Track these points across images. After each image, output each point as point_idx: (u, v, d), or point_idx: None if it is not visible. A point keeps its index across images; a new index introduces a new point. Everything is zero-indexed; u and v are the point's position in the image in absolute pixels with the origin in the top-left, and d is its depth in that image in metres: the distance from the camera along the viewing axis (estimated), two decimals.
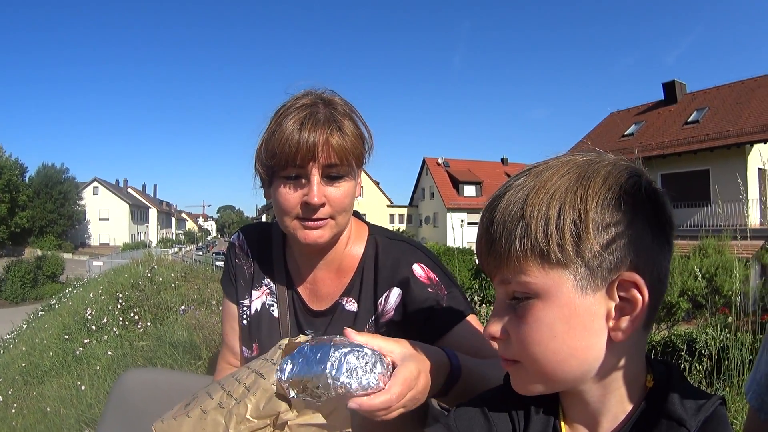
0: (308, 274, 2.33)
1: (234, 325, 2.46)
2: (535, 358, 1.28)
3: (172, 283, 14.37)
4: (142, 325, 10.52)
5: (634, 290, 1.21)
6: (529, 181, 1.27)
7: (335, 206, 2.09)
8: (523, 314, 1.27)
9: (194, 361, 7.38)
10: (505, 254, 1.25)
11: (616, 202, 1.21)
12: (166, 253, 29.54)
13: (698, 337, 6.53)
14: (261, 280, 2.41)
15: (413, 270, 2.20)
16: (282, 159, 1.99)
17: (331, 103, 2.11)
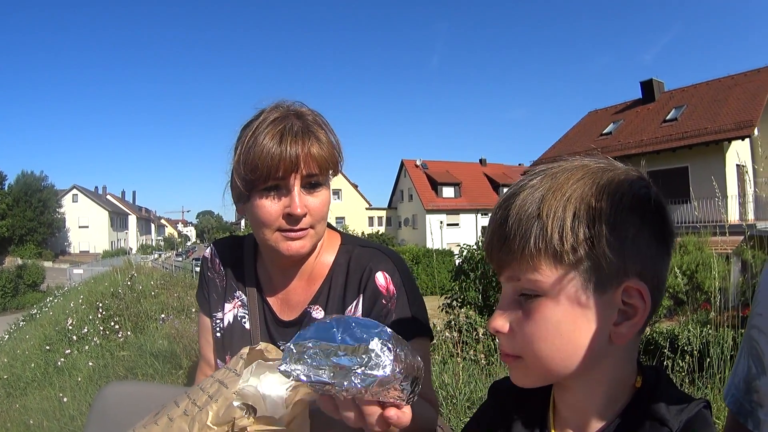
0: (280, 284, 2.33)
1: (209, 338, 2.47)
2: (539, 354, 1.30)
3: (152, 291, 14.44)
4: (123, 335, 10.53)
5: (637, 298, 1.25)
6: (545, 182, 1.28)
7: (315, 215, 2.12)
8: (531, 311, 1.29)
9: (175, 371, 7.45)
10: (518, 251, 1.27)
11: (629, 211, 1.24)
12: (146, 260, 29.57)
13: (680, 334, 6.55)
14: (233, 293, 2.42)
15: (375, 277, 2.21)
16: (264, 172, 2.00)
17: (302, 115, 2.13)
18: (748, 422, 1.62)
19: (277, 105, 2.14)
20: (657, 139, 39.20)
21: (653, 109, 44.52)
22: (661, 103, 44.74)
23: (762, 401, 1.60)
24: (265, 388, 1.73)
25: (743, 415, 1.64)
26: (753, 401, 1.62)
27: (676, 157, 36.27)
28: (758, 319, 1.64)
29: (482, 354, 6.53)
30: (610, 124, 46.99)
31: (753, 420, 1.61)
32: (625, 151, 39.92)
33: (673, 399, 1.31)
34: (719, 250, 13.10)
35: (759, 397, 1.61)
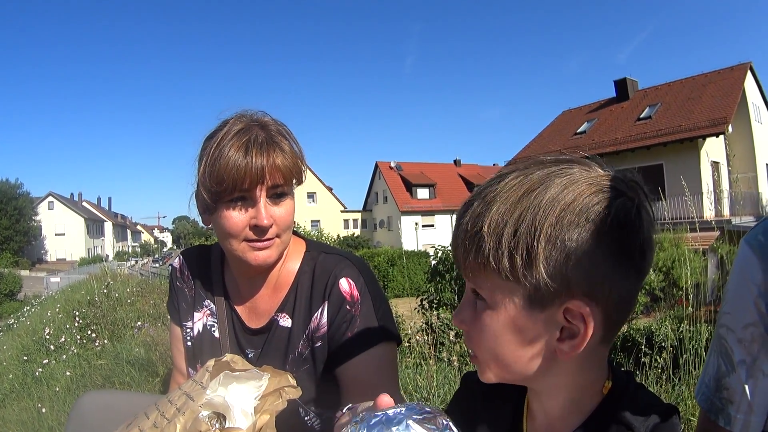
0: (247, 292, 2.34)
1: (180, 348, 2.48)
2: (484, 353, 1.33)
3: (128, 298, 14.41)
4: (100, 343, 10.50)
5: (578, 320, 1.22)
6: (498, 192, 1.25)
7: (280, 225, 2.13)
8: (479, 315, 1.30)
9: (151, 378, 7.46)
10: (465, 261, 1.28)
11: (575, 229, 1.18)
12: (122, 267, 29.46)
13: (657, 331, 6.57)
14: (202, 302, 2.43)
15: (339, 283, 2.21)
16: (230, 184, 2.01)
17: (265, 125, 2.14)
18: (719, 419, 1.67)
19: (240, 115, 2.15)
20: (631, 137, 39.49)
21: (627, 108, 44.85)
22: (635, 102, 45.09)
23: (732, 398, 1.64)
24: (233, 399, 1.74)
25: (714, 412, 1.69)
26: (723, 398, 1.66)
27: (650, 155, 36.60)
28: (726, 318, 1.67)
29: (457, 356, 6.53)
30: (584, 123, 47.32)
31: (724, 417, 1.66)
32: (600, 150, 40.15)
33: (641, 404, 1.32)
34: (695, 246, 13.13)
35: (729, 394, 1.65)
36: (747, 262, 1.60)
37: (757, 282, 1.56)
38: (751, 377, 1.60)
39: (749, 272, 1.58)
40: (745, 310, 1.60)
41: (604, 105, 48.86)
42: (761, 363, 1.58)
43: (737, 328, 1.62)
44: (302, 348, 2.22)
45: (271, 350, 2.25)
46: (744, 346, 1.60)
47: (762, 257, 1.55)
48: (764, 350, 1.57)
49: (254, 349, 2.29)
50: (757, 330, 1.57)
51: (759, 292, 1.55)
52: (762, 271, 1.55)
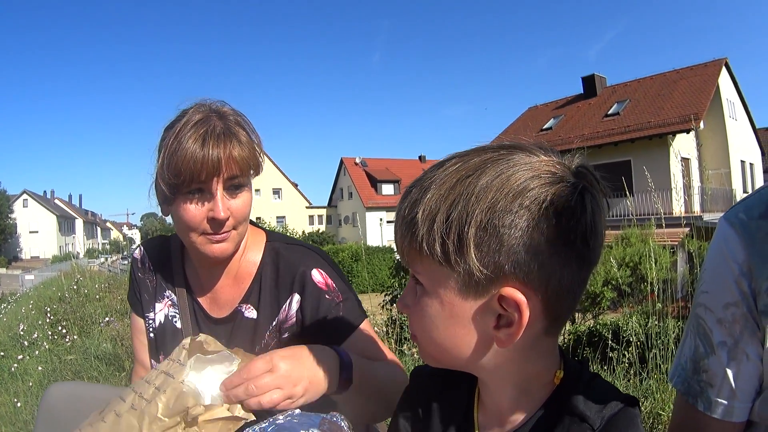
0: (207, 283, 2.33)
1: (143, 339, 2.45)
2: (421, 338, 1.34)
3: (96, 294, 14.35)
4: (70, 339, 10.47)
5: (513, 308, 1.20)
6: (429, 179, 1.25)
7: (237, 217, 2.11)
8: (418, 300, 1.30)
9: (118, 373, 7.51)
10: (402, 246, 1.28)
11: (508, 215, 1.15)
12: (92, 264, 29.31)
13: (624, 326, 6.60)
14: (163, 293, 2.41)
15: (312, 275, 2.21)
16: (187, 176, 1.98)
17: (224, 115, 2.11)
18: (698, 403, 1.63)
19: (199, 105, 2.12)
20: (598, 134, 39.54)
21: (595, 104, 44.95)
22: (603, 98, 45.17)
23: (712, 381, 1.60)
24: (205, 384, 1.71)
25: (692, 395, 1.65)
26: (702, 381, 1.63)
27: (618, 151, 36.65)
28: (704, 297, 1.64)
29: None
30: (551, 120, 47.38)
31: (703, 400, 1.62)
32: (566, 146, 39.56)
33: (596, 395, 1.29)
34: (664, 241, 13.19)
35: (708, 377, 1.61)
36: (727, 240, 1.57)
37: (738, 260, 1.53)
38: (734, 360, 1.56)
39: (730, 250, 1.55)
40: (726, 289, 1.56)
41: (571, 101, 48.99)
42: (744, 345, 1.54)
43: (717, 308, 1.59)
44: (269, 339, 2.22)
45: (236, 341, 2.23)
46: (724, 326, 1.57)
47: (744, 235, 1.53)
48: (747, 331, 1.54)
49: (217, 338, 2.24)
50: (738, 310, 1.54)
51: (741, 271, 1.52)
52: (744, 249, 1.52)
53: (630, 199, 8.36)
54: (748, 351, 1.55)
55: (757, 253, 1.51)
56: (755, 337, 1.53)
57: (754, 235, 1.52)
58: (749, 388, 1.57)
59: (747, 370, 1.56)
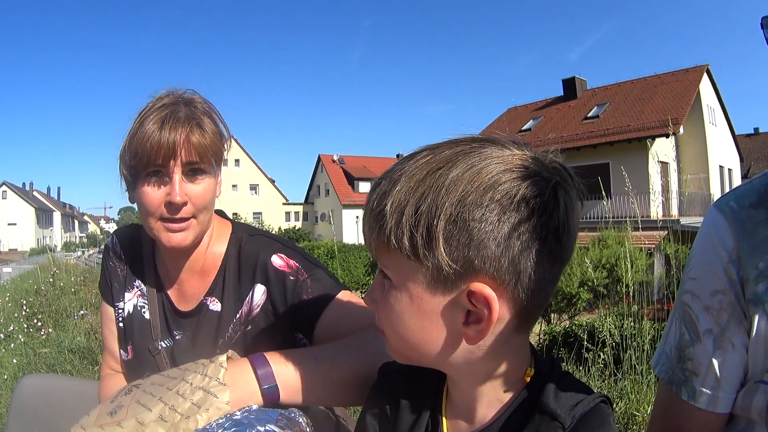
0: (175, 275, 2.31)
1: (112, 328, 2.42)
2: (391, 334, 1.31)
3: (72, 287, 14.32)
4: (45, 332, 10.43)
5: (483, 303, 1.18)
6: (399, 171, 1.23)
7: (197, 204, 2.08)
8: (385, 295, 1.29)
9: (91, 366, 7.47)
10: (370, 241, 1.27)
11: (478, 209, 1.13)
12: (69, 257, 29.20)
13: (600, 327, 6.62)
14: (133, 282, 2.39)
15: (272, 262, 2.18)
16: (144, 158, 1.97)
17: (191, 102, 2.10)
18: (682, 392, 1.63)
19: (169, 92, 2.12)
20: (577, 136, 39.75)
21: (574, 107, 45.17)
22: (583, 101, 45.39)
23: (697, 370, 1.60)
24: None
25: (676, 384, 1.65)
26: (687, 369, 1.63)
27: (597, 154, 36.85)
28: (692, 284, 1.63)
29: None
30: (530, 121, 47.64)
31: (687, 389, 1.62)
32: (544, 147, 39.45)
33: (567, 393, 1.29)
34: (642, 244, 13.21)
35: (693, 366, 1.61)
36: (717, 227, 1.57)
37: (728, 248, 1.53)
38: (719, 349, 1.55)
39: (719, 237, 1.55)
40: (714, 277, 1.56)
41: (551, 103, 49.21)
42: (731, 334, 1.54)
43: (704, 295, 1.58)
44: (232, 332, 2.19)
45: (201, 334, 2.22)
46: (711, 314, 1.57)
47: (734, 222, 1.53)
48: (734, 320, 1.53)
49: (183, 332, 2.26)
50: (726, 298, 1.54)
51: (730, 258, 1.52)
52: (734, 237, 1.52)
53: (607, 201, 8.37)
54: (734, 340, 1.54)
55: (747, 241, 1.51)
56: (741, 327, 1.53)
57: (744, 223, 1.53)
58: (734, 378, 1.57)
59: (732, 359, 1.55)
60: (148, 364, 2.24)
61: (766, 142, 65.00)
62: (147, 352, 2.26)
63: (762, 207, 1.53)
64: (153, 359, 2.24)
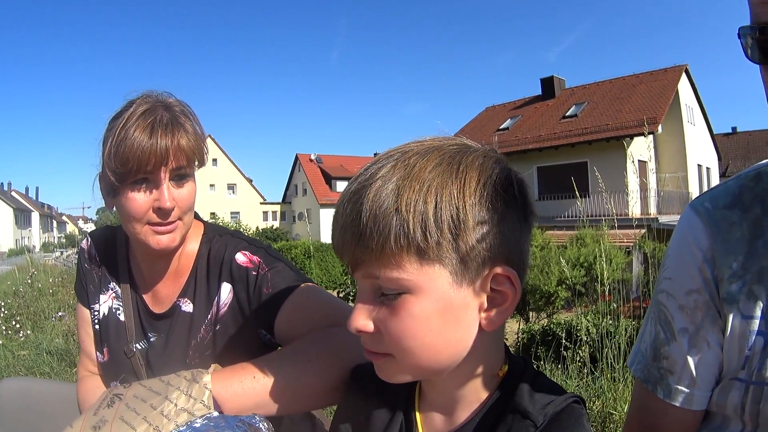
0: (150, 276, 2.31)
1: (89, 330, 2.43)
2: (410, 351, 1.25)
3: (50, 289, 14.25)
4: (23, 334, 10.33)
5: (506, 284, 1.23)
6: (398, 170, 1.21)
7: (183, 207, 2.10)
8: (396, 309, 1.23)
9: (70, 369, 7.45)
10: (377, 249, 1.19)
11: (492, 197, 1.20)
12: (48, 258, 29.06)
13: (578, 325, 6.65)
14: (108, 284, 2.40)
15: (236, 259, 2.19)
16: (134, 166, 1.98)
17: (170, 106, 2.11)
18: (658, 390, 1.65)
19: (146, 96, 2.12)
20: (555, 135, 39.88)
21: (552, 106, 45.25)
22: (561, 100, 45.49)
23: (672, 368, 1.62)
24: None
25: (652, 382, 1.67)
26: (662, 368, 1.65)
27: (575, 153, 36.99)
28: (667, 283, 1.66)
29: None
30: (508, 120, 47.66)
31: (663, 388, 1.63)
32: (522, 146, 40.60)
33: (540, 392, 1.30)
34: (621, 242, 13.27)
35: (669, 364, 1.63)
36: (692, 227, 1.59)
37: (702, 248, 1.55)
38: (695, 347, 1.58)
39: (694, 237, 1.58)
40: (689, 276, 1.58)
41: (529, 102, 49.19)
42: (705, 333, 1.56)
43: (679, 294, 1.60)
44: (204, 333, 2.19)
45: (174, 336, 2.22)
46: (686, 313, 1.59)
47: (709, 223, 1.55)
48: (709, 319, 1.56)
49: (158, 334, 2.26)
50: (701, 297, 1.56)
51: (705, 258, 1.55)
52: (708, 237, 1.55)
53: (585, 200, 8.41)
54: (709, 338, 1.57)
55: (721, 241, 1.54)
56: (716, 325, 1.56)
57: (718, 223, 1.56)
58: (709, 376, 1.59)
59: (707, 357, 1.58)
60: (123, 366, 2.25)
61: (743, 141, 65.50)
62: (123, 354, 2.26)
63: (736, 208, 1.56)
64: (128, 361, 2.25)
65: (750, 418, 1.50)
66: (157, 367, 2.19)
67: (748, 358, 1.49)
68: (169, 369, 1.93)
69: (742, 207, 1.55)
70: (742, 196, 1.58)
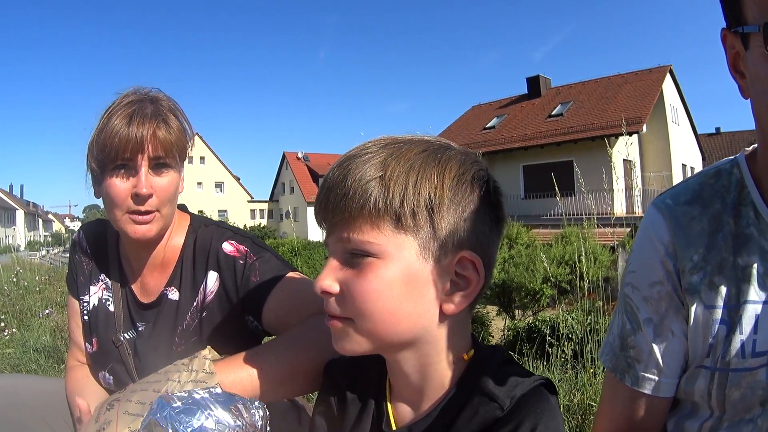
0: (138, 268, 2.36)
1: (78, 321, 2.47)
2: (369, 313, 1.31)
3: (37, 287, 14.20)
4: (8, 332, 10.25)
5: (471, 269, 1.32)
6: (388, 150, 1.31)
7: (161, 196, 2.14)
8: (363, 271, 1.30)
9: (57, 366, 7.41)
10: (356, 210, 1.27)
11: (468, 187, 1.31)
12: (34, 257, 28.92)
13: (563, 322, 6.69)
14: (98, 276, 2.44)
15: (223, 248, 2.24)
16: (112, 152, 2.04)
17: (157, 100, 2.18)
18: (626, 378, 1.70)
19: (135, 90, 2.19)
20: (541, 134, 39.98)
21: (539, 105, 45.32)
22: (547, 99, 45.55)
23: (639, 357, 1.68)
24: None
25: (620, 371, 1.72)
26: (629, 357, 1.70)
27: (561, 152, 37.04)
28: (631, 276, 1.71)
29: None
30: (494, 119, 47.72)
31: (631, 376, 1.69)
32: (508, 145, 40.68)
33: (507, 376, 1.34)
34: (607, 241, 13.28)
35: (635, 353, 1.69)
36: (654, 223, 1.65)
37: (664, 242, 1.61)
38: (659, 336, 1.63)
39: (656, 232, 1.64)
40: (652, 269, 1.64)
41: (515, 101, 49.28)
42: (669, 322, 1.62)
43: (643, 287, 1.66)
44: (190, 320, 2.23)
45: (161, 323, 2.26)
46: (650, 304, 1.65)
47: (670, 218, 1.62)
48: (672, 309, 1.62)
49: (146, 323, 2.30)
50: (663, 288, 1.62)
51: (666, 251, 1.61)
52: (668, 231, 1.61)
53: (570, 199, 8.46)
54: (673, 328, 1.63)
55: (682, 235, 1.60)
56: (680, 315, 1.62)
57: (679, 219, 1.62)
58: (675, 364, 1.65)
59: (672, 346, 1.63)
60: (111, 355, 2.28)
61: (727, 141, 65.85)
62: (111, 343, 2.29)
63: (696, 203, 1.62)
64: (116, 351, 2.28)
65: (717, 403, 1.57)
66: (144, 354, 2.23)
67: (712, 346, 1.56)
68: (156, 356, 2.03)
69: (702, 203, 1.62)
70: (702, 192, 1.65)
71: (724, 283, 1.54)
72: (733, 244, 1.55)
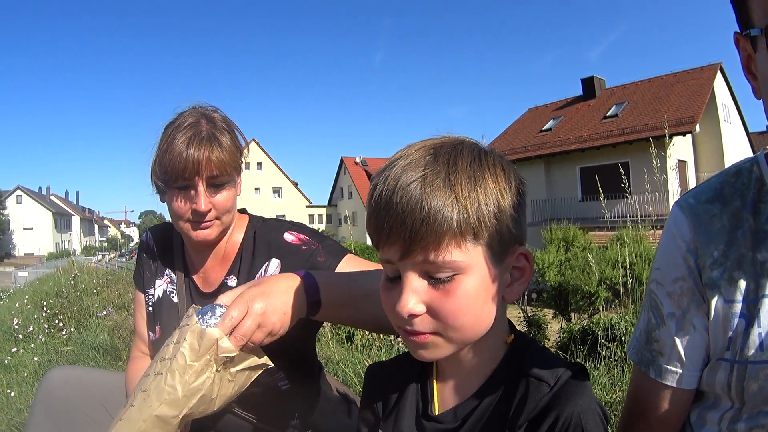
0: (200, 263, 2.56)
1: (143, 313, 2.67)
2: (461, 326, 1.36)
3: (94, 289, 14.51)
4: (67, 332, 10.48)
5: (524, 261, 1.45)
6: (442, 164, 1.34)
7: (220, 210, 2.37)
8: (451, 290, 1.34)
9: (115, 362, 7.60)
10: (439, 235, 1.28)
11: (517, 190, 1.41)
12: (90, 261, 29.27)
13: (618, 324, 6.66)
14: (163, 271, 2.66)
15: (284, 238, 2.44)
16: (173, 174, 2.27)
17: (212, 119, 2.37)
18: (650, 370, 1.76)
19: (192, 109, 2.40)
20: (597, 135, 39.64)
21: (594, 106, 45.01)
22: (601, 100, 45.21)
23: (662, 350, 1.74)
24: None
25: (645, 364, 1.78)
26: (653, 350, 1.76)
27: (616, 153, 36.68)
28: (656, 273, 1.78)
29: None
30: (550, 121, 47.50)
31: (655, 368, 1.75)
32: (565, 147, 40.40)
33: (548, 360, 1.46)
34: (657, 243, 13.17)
35: (659, 346, 1.74)
36: (677, 221, 1.71)
37: (686, 239, 1.67)
38: (682, 330, 1.69)
39: (679, 230, 1.70)
40: (675, 265, 1.70)
41: (570, 103, 49.09)
42: (691, 317, 1.67)
43: (667, 282, 1.72)
44: None
45: None
46: (673, 299, 1.70)
47: (691, 216, 1.68)
48: (694, 304, 1.67)
49: None
50: (686, 284, 1.67)
51: (688, 248, 1.66)
52: (690, 229, 1.66)
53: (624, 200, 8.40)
54: (695, 322, 1.68)
55: (703, 232, 1.65)
56: (701, 310, 1.67)
57: (700, 217, 1.67)
58: (697, 357, 1.70)
59: (694, 339, 1.68)
60: None
61: None
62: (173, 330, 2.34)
63: (716, 202, 1.68)
64: None
65: (736, 395, 1.60)
66: None
67: (732, 339, 1.60)
68: None
69: (723, 200, 1.67)
70: (722, 190, 1.70)
71: (743, 278, 1.58)
72: (752, 240, 1.59)
